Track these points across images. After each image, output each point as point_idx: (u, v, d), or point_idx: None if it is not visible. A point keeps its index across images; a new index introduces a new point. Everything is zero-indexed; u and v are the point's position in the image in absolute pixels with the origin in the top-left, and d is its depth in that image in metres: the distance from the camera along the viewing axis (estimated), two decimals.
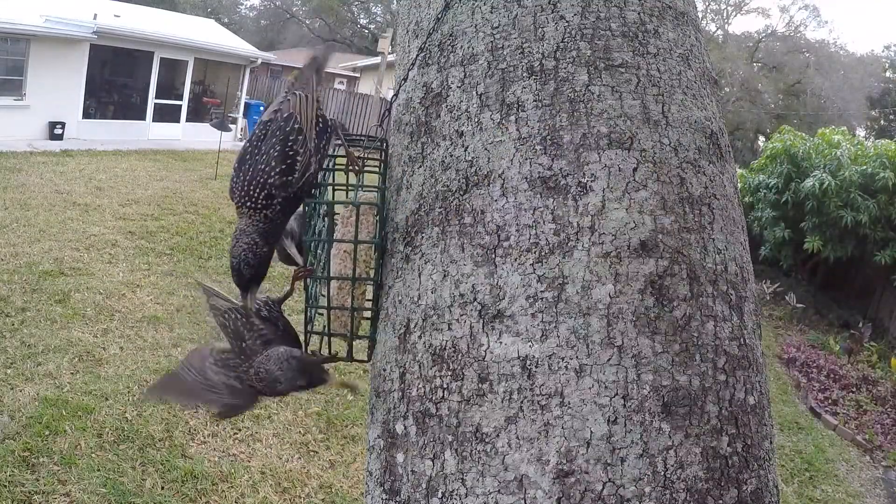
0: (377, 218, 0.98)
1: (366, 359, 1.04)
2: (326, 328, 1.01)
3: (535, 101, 0.85)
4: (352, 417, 4.10)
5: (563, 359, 0.76)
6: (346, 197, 1.12)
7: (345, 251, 0.99)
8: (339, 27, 36.28)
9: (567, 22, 0.88)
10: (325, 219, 1.06)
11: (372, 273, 0.99)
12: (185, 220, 7.62)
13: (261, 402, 1.10)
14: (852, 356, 7.30)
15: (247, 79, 16.33)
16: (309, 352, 1.03)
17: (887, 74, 29.71)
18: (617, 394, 0.75)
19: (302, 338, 1.05)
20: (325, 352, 1.03)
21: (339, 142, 1.08)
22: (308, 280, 1.02)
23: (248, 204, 0.89)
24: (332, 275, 0.98)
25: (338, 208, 1.04)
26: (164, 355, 4.38)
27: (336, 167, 1.10)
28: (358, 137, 1.14)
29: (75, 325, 4.54)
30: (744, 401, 0.81)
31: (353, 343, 1.02)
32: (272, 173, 0.89)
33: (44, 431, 3.27)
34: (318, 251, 1.06)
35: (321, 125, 0.96)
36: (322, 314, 1.05)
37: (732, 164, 0.96)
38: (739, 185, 1.12)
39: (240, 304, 0.99)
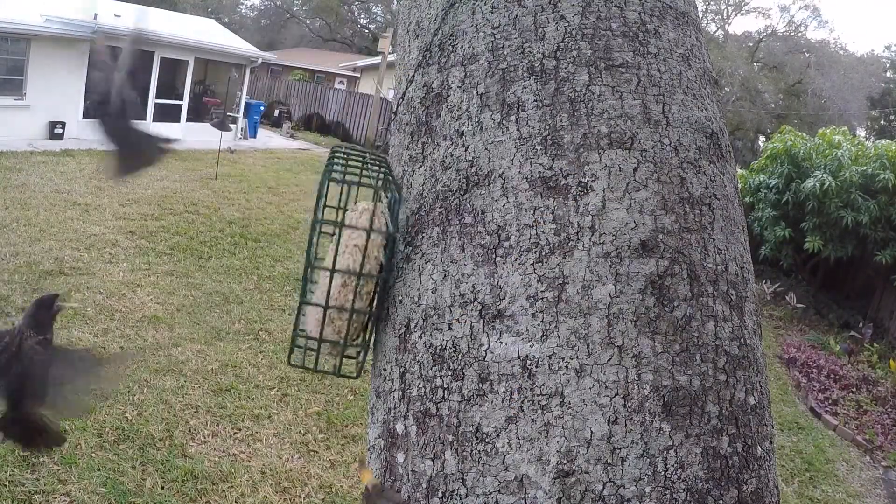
0: (386, 215, 0.95)
1: (354, 375, 0.97)
2: (319, 334, 0.92)
3: (535, 100, 0.85)
4: (352, 417, 4.11)
5: (563, 359, 0.76)
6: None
7: (354, 245, 0.92)
8: (339, 27, 36.28)
9: (567, 22, 0.87)
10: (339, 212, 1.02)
11: (380, 270, 0.93)
12: (185, 220, 7.63)
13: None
14: (852, 356, 7.30)
15: (247, 79, 16.34)
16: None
17: (888, 74, 29.74)
18: (617, 394, 0.75)
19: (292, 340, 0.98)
20: (311, 364, 0.95)
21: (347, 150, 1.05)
22: (306, 273, 0.94)
23: None
24: (339, 269, 0.92)
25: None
26: (164, 355, 4.38)
27: (348, 171, 1.06)
28: (361, 152, 1.10)
29: (75, 325, 4.55)
30: (744, 401, 0.81)
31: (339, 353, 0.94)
32: None
33: None
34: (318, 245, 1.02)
35: None
36: (307, 318, 0.98)
37: (733, 164, 0.96)
38: (740, 185, 1.12)
39: None
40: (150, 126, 13.45)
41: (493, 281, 0.81)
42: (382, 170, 1.02)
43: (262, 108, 16.66)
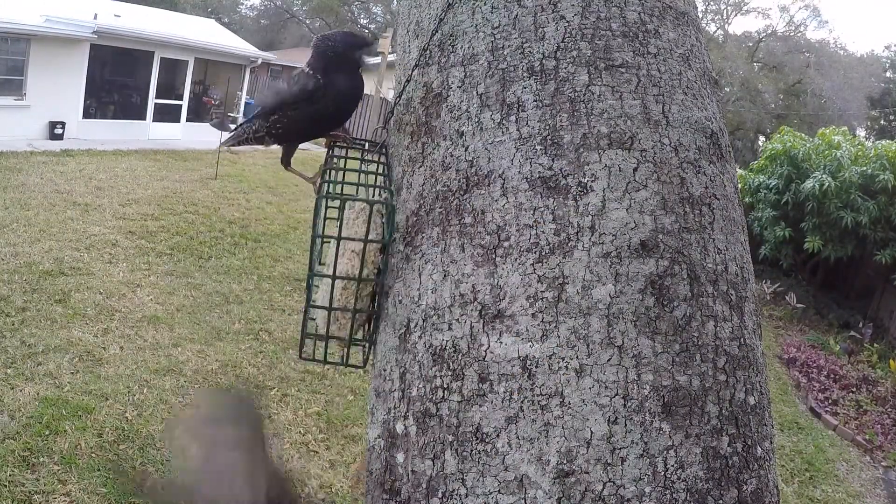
0: (383, 220, 0.98)
1: (361, 364, 1.04)
2: (326, 330, 1.00)
3: (535, 101, 0.85)
4: (352, 417, 4.11)
5: (563, 359, 0.76)
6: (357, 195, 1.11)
7: (352, 251, 0.98)
8: (338, 27, 36.26)
9: (567, 22, 0.87)
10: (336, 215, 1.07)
11: (378, 274, 0.98)
12: (185, 220, 7.62)
13: None
14: (852, 356, 7.30)
15: (247, 79, 16.33)
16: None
17: (887, 74, 29.73)
18: (617, 394, 0.75)
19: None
20: (320, 356, 1.03)
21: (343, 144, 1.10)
22: (310, 280, 1.02)
23: None
24: (338, 275, 0.97)
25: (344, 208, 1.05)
26: (164, 355, 4.38)
27: (346, 168, 1.11)
28: (360, 141, 1.16)
29: (75, 324, 4.54)
30: (744, 401, 0.81)
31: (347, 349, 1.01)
32: None
33: (44, 431, 3.27)
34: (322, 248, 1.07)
35: None
36: (315, 318, 1.04)
37: (733, 164, 0.96)
38: (740, 185, 1.13)
39: None
40: (151, 125, 13.47)
41: (492, 281, 0.81)
42: (381, 160, 1.05)
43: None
